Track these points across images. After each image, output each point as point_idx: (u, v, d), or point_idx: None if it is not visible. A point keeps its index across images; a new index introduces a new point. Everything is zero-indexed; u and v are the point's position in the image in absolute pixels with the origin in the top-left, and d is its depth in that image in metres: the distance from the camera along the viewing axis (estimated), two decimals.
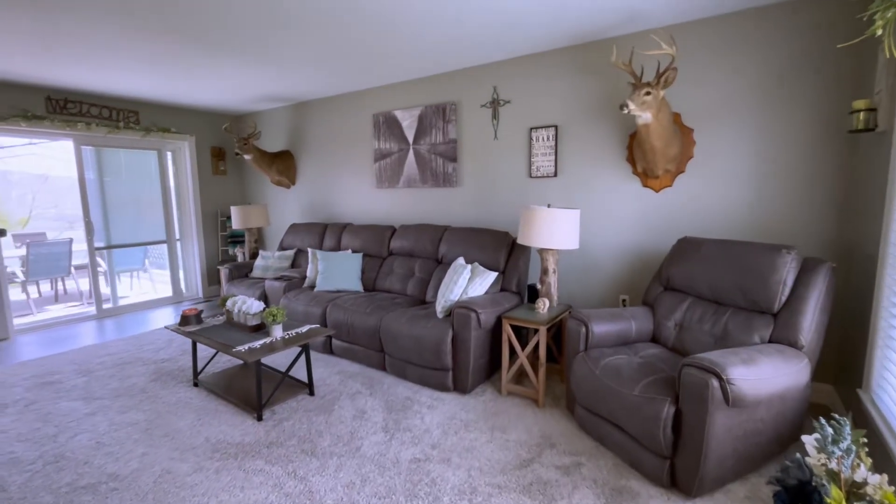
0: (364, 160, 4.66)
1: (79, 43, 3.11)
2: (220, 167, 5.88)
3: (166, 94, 4.67)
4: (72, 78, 3.99)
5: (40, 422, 2.64)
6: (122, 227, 5.19)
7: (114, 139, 4.91)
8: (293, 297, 3.81)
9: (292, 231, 4.92)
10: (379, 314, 3.23)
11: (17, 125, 4.21)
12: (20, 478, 2.12)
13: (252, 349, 2.58)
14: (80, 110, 4.59)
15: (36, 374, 3.34)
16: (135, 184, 5.28)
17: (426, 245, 3.80)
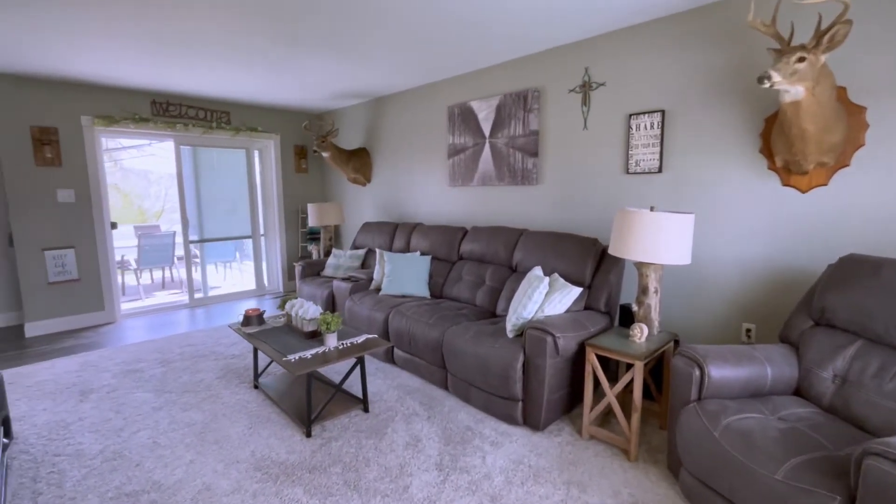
0: (437, 156, 4.37)
1: (181, 45, 3.22)
2: (302, 165, 5.99)
3: (255, 95, 4.80)
4: (173, 82, 4.22)
5: (113, 412, 2.72)
6: (213, 222, 5.49)
7: (208, 139, 5.18)
8: (358, 300, 3.64)
9: (364, 230, 4.80)
10: (442, 326, 2.89)
11: (128, 127, 4.57)
12: (78, 473, 2.13)
13: (302, 360, 2.39)
14: (180, 112, 4.89)
15: (125, 361, 3.54)
16: (225, 181, 5.55)
17: (499, 250, 3.39)
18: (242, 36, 3.04)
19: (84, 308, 4.49)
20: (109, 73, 3.90)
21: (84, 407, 2.79)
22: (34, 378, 3.23)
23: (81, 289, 4.46)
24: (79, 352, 3.78)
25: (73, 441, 2.40)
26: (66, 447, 2.35)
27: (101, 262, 4.56)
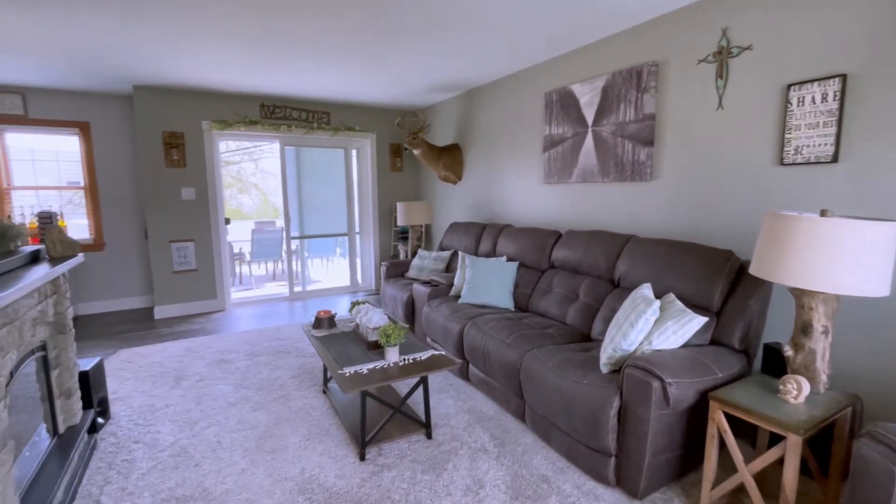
0: (531, 150, 3.89)
1: (287, 47, 3.29)
2: (396, 164, 5.95)
3: (352, 94, 4.82)
4: (279, 84, 4.41)
5: (194, 403, 2.81)
6: (313, 219, 5.70)
7: (309, 139, 5.37)
8: (435, 307, 3.36)
9: (451, 231, 4.53)
10: (521, 347, 2.46)
11: (239, 130, 4.92)
12: (145, 465, 2.16)
13: (357, 375, 2.16)
14: (285, 114, 5.13)
15: (220, 350, 3.74)
16: (325, 180, 5.73)
17: (598, 259, 2.82)
18: (340, 33, 3.00)
19: (200, 296, 4.94)
20: (226, 80, 4.18)
21: (174, 394, 2.94)
22: (147, 359, 3.55)
23: (198, 278, 4.92)
24: (188, 336, 4.11)
25: (152, 429, 2.50)
26: (145, 434, 2.44)
27: (215, 255, 4.98)
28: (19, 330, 1.65)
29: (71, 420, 2.16)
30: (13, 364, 1.64)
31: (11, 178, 4.56)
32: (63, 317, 2.12)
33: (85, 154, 4.76)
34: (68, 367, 2.15)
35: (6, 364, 1.57)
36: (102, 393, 2.55)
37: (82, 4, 2.52)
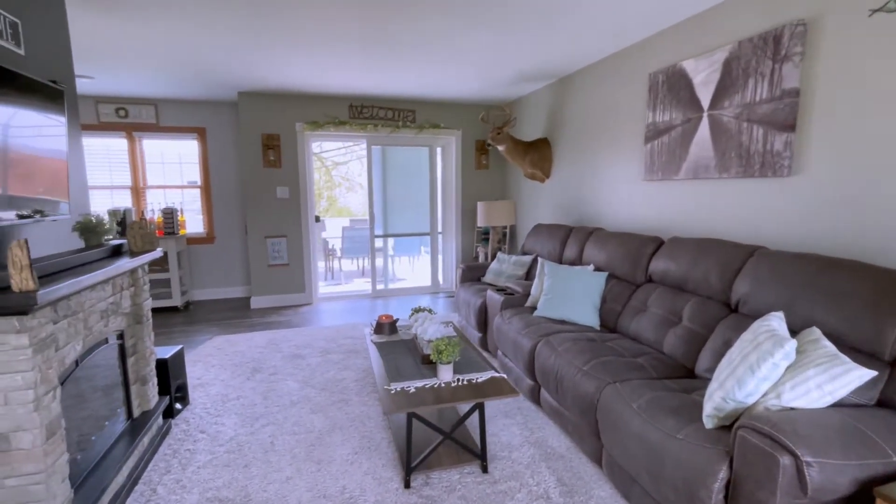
0: (629, 142, 3.35)
1: (376, 44, 3.29)
2: (482, 161, 5.69)
3: (438, 90, 4.69)
4: (367, 84, 4.46)
5: (261, 397, 2.86)
6: (397, 218, 5.70)
7: (394, 138, 5.35)
8: (507, 318, 3.03)
9: (534, 233, 4.14)
10: (601, 377, 2.04)
11: (329, 130, 5.07)
12: (202, 458, 2.20)
13: (402, 394, 1.95)
14: (372, 113, 5.18)
15: (298, 344, 3.84)
16: (409, 179, 5.68)
17: (709, 275, 2.26)
18: (424, 20, 2.84)
19: (290, 289, 5.21)
20: (319, 82, 4.32)
21: (247, 385, 3.03)
22: (234, 347, 3.77)
23: (289, 272, 5.18)
24: (274, 328, 4.32)
25: (218, 420, 2.57)
26: (211, 425, 2.52)
27: (304, 251, 5.20)
28: (84, 321, 1.72)
29: (145, 405, 2.28)
30: (78, 353, 1.71)
31: (146, 178, 5.24)
32: (140, 308, 2.23)
33: (201, 156, 5.30)
34: (144, 356, 2.28)
35: (68, 354, 1.64)
36: (181, 380, 2.69)
37: (204, 26, 2.89)
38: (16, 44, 2.00)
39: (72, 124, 2.32)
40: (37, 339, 1.39)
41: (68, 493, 1.55)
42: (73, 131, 2.34)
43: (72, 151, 2.31)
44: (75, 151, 2.38)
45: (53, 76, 2.22)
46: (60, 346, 1.56)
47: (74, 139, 2.37)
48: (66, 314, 1.61)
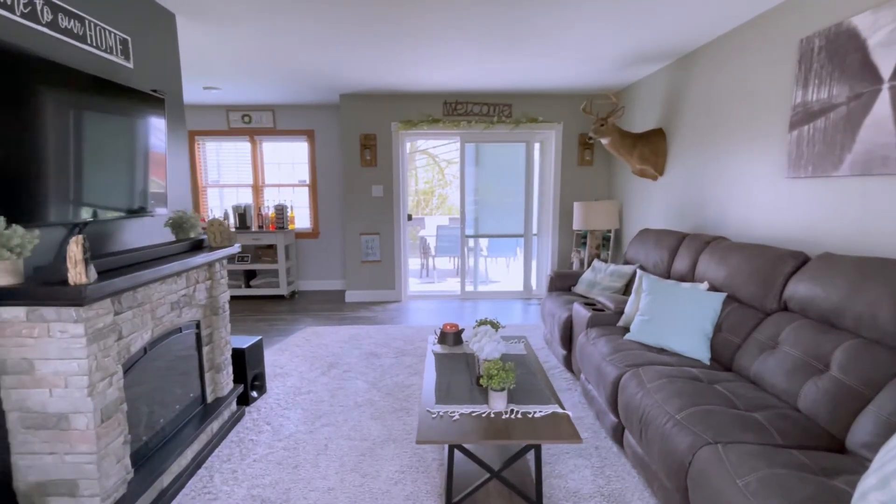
0: (768, 129, 2.64)
1: (468, 37, 3.17)
2: (585, 157, 5.15)
3: (536, 81, 4.35)
4: (462, 80, 4.34)
5: (329, 394, 2.88)
6: (490, 218, 5.46)
7: (489, 134, 5.12)
8: (592, 339, 2.61)
9: (639, 240, 3.57)
10: (698, 432, 1.57)
11: (422, 129, 5.04)
12: (260, 451, 2.25)
13: (443, 420, 1.72)
14: (466, 110, 5.01)
15: (377, 342, 3.85)
16: (503, 177, 5.40)
17: (879, 309, 1.61)
18: (515, 5, 2.61)
19: (380, 285, 5.32)
20: (413, 80, 4.32)
21: (320, 380, 3.09)
22: (320, 339, 3.93)
23: (380, 269, 5.30)
24: (359, 323, 4.42)
25: (286, 414, 2.63)
26: (278, 417, 2.59)
27: (395, 248, 5.27)
28: (151, 312, 1.84)
29: (219, 392, 2.42)
30: (146, 342, 1.83)
31: (264, 178, 5.81)
32: (216, 300, 2.37)
33: (310, 157, 5.69)
34: (219, 345, 2.41)
35: (135, 342, 1.76)
36: (258, 370, 2.83)
37: (308, 38, 3.16)
38: (125, 58, 2.22)
39: (171, 128, 2.55)
40: (93, 329, 1.47)
41: (124, 474, 1.65)
42: (173, 135, 2.58)
43: (170, 153, 2.53)
44: (175, 153, 2.62)
45: (156, 86, 2.45)
46: (123, 336, 1.67)
47: (174, 142, 2.60)
48: (132, 306, 1.71)
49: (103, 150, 1.93)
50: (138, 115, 2.14)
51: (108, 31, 2.10)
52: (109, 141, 1.97)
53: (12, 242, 1.37)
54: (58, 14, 1.82)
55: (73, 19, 1.90)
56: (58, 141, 1.70)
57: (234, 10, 2.67)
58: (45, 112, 1.64)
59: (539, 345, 3.75)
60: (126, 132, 2.06)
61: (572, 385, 3.00)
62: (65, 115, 1.72)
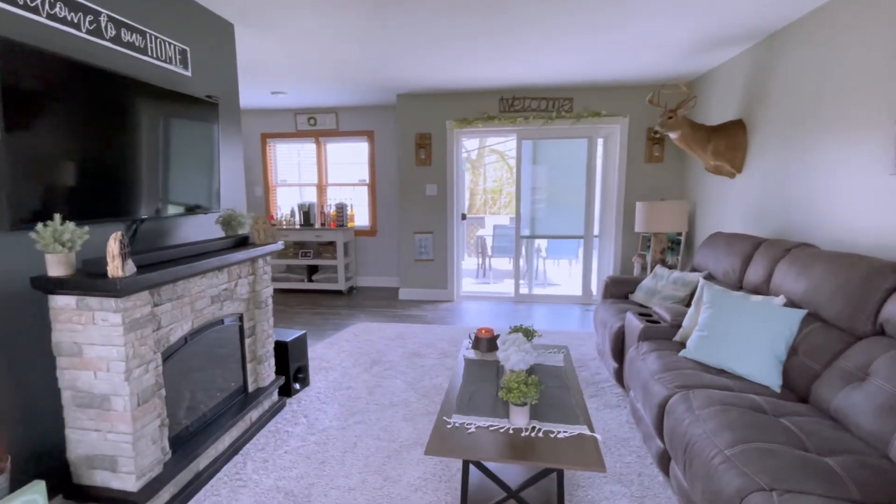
0: (868, 118, 2.20)
1: (527, 33, 3.11)
2: (654, 153, 4.74)
3: (599, 72, 4.08)
4: (518, 75, 4.20)
5: (367, 391, 2.90)
6: (547, 218, 5.24)
7: (547, 130, 4.89)
8: (643, 353, 2.37)
9: (709, 245, 3.19)
10: (750, 473, 1.33)
11: (477, 126, 4.94)
12: (292, 444, 2.31)
13: (457, 431, 1.63)
14: (523, 105, 4.84)
15: (423, 342, 3.84)
16: (562, 175, 5.14)
17: None
18: None
19: (432, 284, 5.32)
20: (468, 77, 4.24)
21: (361, 377, 3.14)
22: (369, 335, 4.01)
23: (433, 268, 5.29)
24: (409, 321, 4.45)
25: (323, 408, 2.70)
26: (315, 411, 2.66)
27: (448, 248, 5.23)
28: (191, 305, 1.95)
29: (260, 382, 2.53)
30: (186, 332, 1.95)
31: (328, 177, 6.07)
32: (258, 295, 2.48)
33: (370, 157, 5.84)
34: (261, 338, 2.52)
35: (174, 332, 1.88)
36: (301, 363, 2.93)
37: (372, 40, 3.24)
38: (183, 67, 2.39)
39: (225, 131, 2.71)
40: (130, 319, 1.59)
41: (160, 455, 1.77)
42: (226, 137, 2.74)
43: (224, 154, 2.70)
44: (228, 154, 2.78)
45: (213, 92, 2.62)
46: (162, 326, 1.79)
47: (227, 143, 2.77)
48: (171, 298, 1.83)
49: (160, 153, 2.09)
50: (194, 119, 2.30)
51: (168, 43, 2.28)
52: (166, 144, 2.13)
53: (64, 237, 1.52)
54: (121, 29, 2.00)
55: (135, 33, 2.07)
56: (119, 146, 1.86)
57: (290, 18, 2.78)
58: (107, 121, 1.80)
59: (591, 355, 3.50)
60: (182, 136, 2.22)
61: (622, 401, 2.75)
62: (126, 122, 1.88)
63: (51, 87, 1.60)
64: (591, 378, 3.08)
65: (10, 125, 1.45)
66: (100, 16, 1.90)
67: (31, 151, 1.54)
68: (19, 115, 1.49)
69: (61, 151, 1.65)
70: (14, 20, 1.58)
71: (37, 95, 1.56)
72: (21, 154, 1.50)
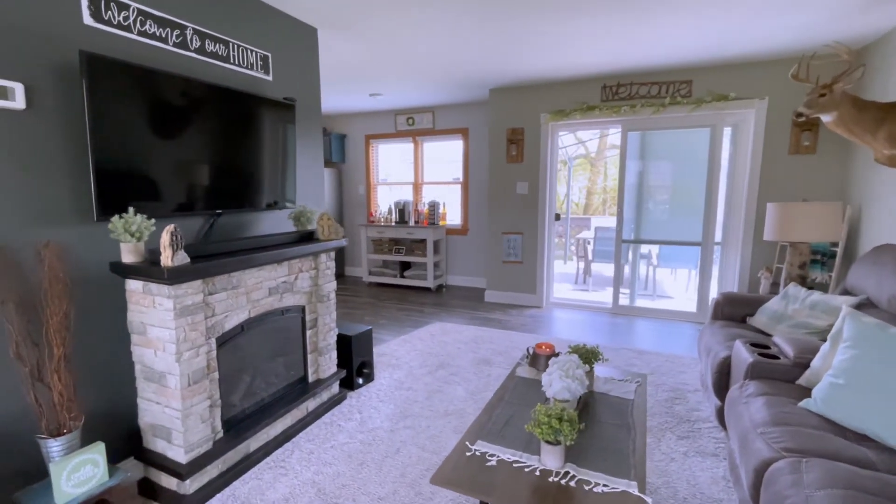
0: None
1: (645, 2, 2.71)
2: (803, 142, 3.80)
3: (727, 45, 3.40)
4: (626, 58, 3.74)
5: (426, 395, 2.81)
6: (656, 220, 4.58)
7: (657, 120, 4.26)
8: (748, 396, 1.86)
9: (871, 260, 2.42)
10: None
11: (575, 118, 4.52)
12: (341, 439, 2.32)
13: (475, 461, 1.42)
14: (630, 93, 4.29)
15: (497, 349, 3.63)
16: (676, 171, 4.43)
17: None
18: None
19: (520, 288, 5.04)
20: (566, 64, 3.90)
21: (425, 379, 3.07)
22: (444, 337, 3.93)
23: (522, 271, 5.01)
24: (489, 325, 4.26)
25: (378, 406, 2.68)
26: (370, 408, 2.65)
27: (539, 250, 4.90)
28: (246, 295, 2.06)
29: (320, 374, 2.61)
30: (241, 320, 2.07)
31: (423, 176, 6.16)
32: (320, 289, 2.54)
33: (464, 155, 5.77)
34: (323, 331, 2.59)
35: (230, 320, 2.00)
36: (365, 358, 2.96)
37: (460, 33, 3.13)
38: (265, 72, 2.56)
39: (302, 130, 2.84)
40: (181, 305, 1.71)
41: (209, 433, 1.89)
42: (303, 136, 2.87)
43: (300, 152, 2.83)
44: (305, 152, 2.91)
45: (294, 94, 2.76)
46: (217, 313, 1.91)
47: (305, 142, 2.90)
48: (226, 288, 1.95)
49: (237, 153, 2.25)
50: (271, 120, 2.44)
51: (250, 50, 2.45)
52: (243, 144, 2.29)
53: (132, 228, 1.69)
54: (205, 41, 2.19)
55: (218, 44, 2.26)
56: (196, 147, 2.04)
57: (374, 19, 2.81)
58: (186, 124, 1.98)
59: (693, 386, 2.93)
60: (259, 135, 2.37)
61: (721, 449, 2.22)
62: (204, 125, 2.06)
63: (133, 94, 1.80)
64: (687, 415, 2.56)
65: (96, 128, 1.66)
66: (186, 29, 2.10)
67: (116, 153, 1.74)
68: (105, 121, 1.70)
69: (144, 152, 1.85)
70: (107, 38, 1.81)
71: (120, 103, 1.76)
72: (107, 154, 1.71)
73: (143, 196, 1.86)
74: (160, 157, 1.91)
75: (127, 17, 1.86)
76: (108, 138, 1.70)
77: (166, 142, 1.93)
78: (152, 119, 1.86)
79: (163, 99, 1.89)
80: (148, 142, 1.86)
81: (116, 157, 1.74)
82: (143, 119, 1.83)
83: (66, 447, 1.56)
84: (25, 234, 1.59)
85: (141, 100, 1.81)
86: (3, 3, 1.51)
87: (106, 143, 1.70)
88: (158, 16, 1.98)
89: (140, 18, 1.90)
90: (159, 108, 1.89)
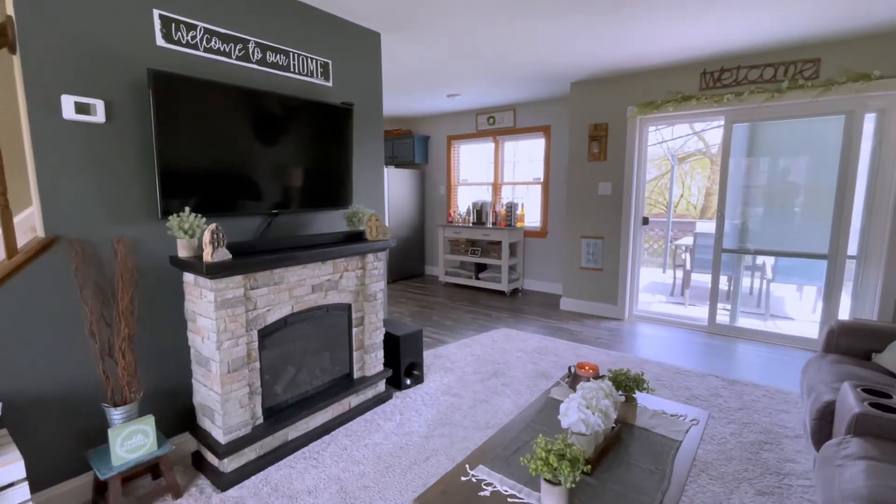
0: None
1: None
2: None
3: (873, 10, 2.74)
4: (732, 37, 3.22)
5: (471, 405, 2.71)
6: (767, 227, 3.88)
7: (771, 108, 3.59)
8: (845, 457, 1.46)
9: None
10: None
11: (667, 110, 4.02)
12: (375, 439, 2.33)
13: (468, 488, 1.30)
14: (735, 78, 3.68)
15: (559, 363, 3.37)
16: (794, 168, 3.69)
17: None
18: None
19: (600, 297, 4.64)
20: (658, 50, 3.48)
21: (474, 387, 2.96)
22: (507, 344, 3.78)
23: (602, 279, 4.61)
24: (559, 336, 3.99)
25: (421, 410, 2.65)
26: (412, 411, 2.63)
27: (622, 257, 4.46)
28: (289, 291, 2.17)
29: (366, 371, 2.66)
30: (284, 315, 2.18)
31: (502, 176, 6.01)
32: (367, 288, 2.59)
33: (545, 153, 5.50)
34: (369, 329, 2.64)
35: (272, 314, 2.12)
36: (415, 359, 2.95)
37: (535, 23, 2.89)
38: (325, 79, 2.68)
39: (360, 133, 2.92)
40: (222, 298, 1.86)
41: (248, 418, 2.03)
42: (364, 138, 2.95)
43: (357, 154, 2.91)
44: (363, 153, 2.99)
45: (354, 98, 2.85)
46: (258, 307, 2.04)
47: (362, 144, 2.97)
48: (268, 283, 2.07)
49: (294, 157, 2.40)
50: (329, 124, 2.55)
51: (310, 59, 2.58)
52: (300, 148, 2.42)
53: (185, 226, 1.88)
54: (266, 52, 2.36)
55: (279, 54, 2.42)
56: (255, 152, 2.20)
57: (436, 18, 2.79)
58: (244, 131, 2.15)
59: (793, 430, 2.41)
60: (317, 139, 2.49)
61: None
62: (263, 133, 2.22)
63: (194, 106, 1.99)
64: (777, 465, 2.10)
65: (161, 136, 1.87)
66: (248, 43, 2.28)
67: (178, 159, 1.95)
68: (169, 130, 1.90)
69: (203, 158, 2.04)
70: (177, 56, 2.03)
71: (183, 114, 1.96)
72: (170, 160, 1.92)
73: (204, 197, 2.05)
74: (219, 162, 2.10)
75: (195, 36, 2.07)
76: (171, 146, 1.91)
77: (224, 148, 2.11)
78: (211, 127, 2.05)
79: (222, 108, 2.07)
80: (207, 148, 2.05)
81: (178, 162, 1.95)
82: (204, 127, 2.02)
83: (125, 416, 1.79)
84: (104, 230, 1.85)
85: (201, 110, 2.00)
86: (90, 33, 1.77)
87: (170, 150, 1.91)
88: (223, 33, 2.17)
89: (206, 36, 2.11)
90: (218, 116, 2.07)
